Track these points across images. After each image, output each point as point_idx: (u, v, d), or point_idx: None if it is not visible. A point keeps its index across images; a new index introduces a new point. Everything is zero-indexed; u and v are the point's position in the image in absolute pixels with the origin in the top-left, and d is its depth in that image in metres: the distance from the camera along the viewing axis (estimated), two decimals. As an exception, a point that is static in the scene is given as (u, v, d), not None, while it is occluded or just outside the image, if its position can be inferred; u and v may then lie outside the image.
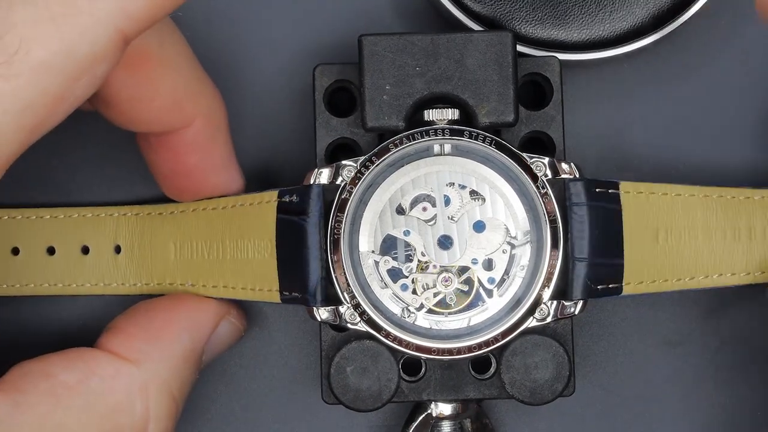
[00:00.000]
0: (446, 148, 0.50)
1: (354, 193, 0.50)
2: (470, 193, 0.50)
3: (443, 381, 0.51)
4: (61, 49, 0.41)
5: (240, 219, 0.52)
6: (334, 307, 0.49)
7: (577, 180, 0.50)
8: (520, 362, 0.49)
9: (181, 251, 0.53)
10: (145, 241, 0.53)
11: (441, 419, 0.51)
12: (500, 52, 0.50)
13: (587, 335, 0.55)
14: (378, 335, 0.49)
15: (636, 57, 0.55)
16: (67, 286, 0.54)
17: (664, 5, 0.53)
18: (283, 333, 0.55)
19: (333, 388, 0.49)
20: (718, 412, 0.55)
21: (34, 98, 0.41)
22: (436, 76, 0.50)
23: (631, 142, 0.55)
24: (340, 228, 0.49)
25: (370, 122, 0.50)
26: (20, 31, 0.40)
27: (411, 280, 0.50)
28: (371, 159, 0.50)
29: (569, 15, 0.53)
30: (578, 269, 0.49)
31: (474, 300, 0.50)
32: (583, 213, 0.49)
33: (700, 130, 0.55)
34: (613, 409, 0.55)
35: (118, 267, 0.53)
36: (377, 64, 0.50)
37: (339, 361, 0.49)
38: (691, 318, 0.55)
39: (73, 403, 0.46)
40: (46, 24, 0.41)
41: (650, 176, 0.54)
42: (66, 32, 0.41)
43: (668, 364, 0.55)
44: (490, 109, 0.50)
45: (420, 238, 0.50)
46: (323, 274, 0.49)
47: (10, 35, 0.40)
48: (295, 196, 0.50)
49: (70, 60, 0.41)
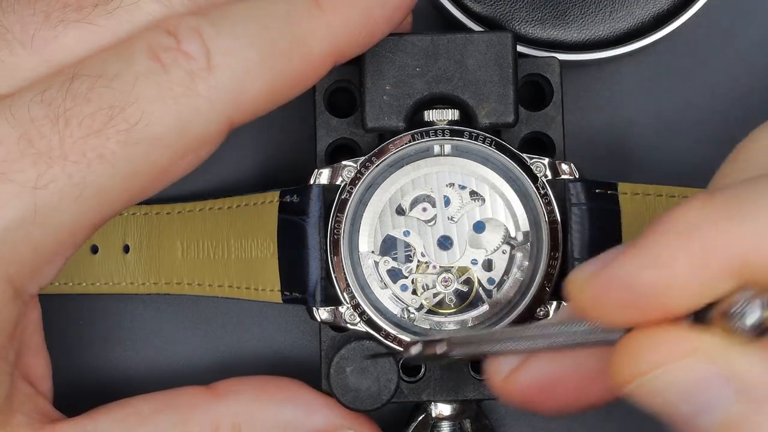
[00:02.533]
0: (446, 148, 0.50)
1: (354, 193, 0.50)
2: (470, 194, 0.50)
3: (443, 381, 0.51)
4: (176, 127, 0.43)
5: (244, 219, 0.52)
6: (334, 308, 0.50)
7: (577, 181, 0.50)
8: (519, 363, 0.50)
9: (188, 251, 0.53)
10: (153, 240, 0.53)
11: (440, 420, 0.51)
12: (500, 52, 0.50)
13: (587, 335, 0.55)
14: (378, 336, 0.49)
15: (636, 57, 0.55)
16: (77, 284, 0.54)
17: (664, 5, 0.53)
18: (283, 333, 0.55)
19: (333, 389, 0.50)
20: (718, 412, 0.55)
21: (144, 167, 0.43)
22: (436, 76, 0.50)
23: (631, 142, 0.55)
24: (340, 228, 0.49)
25: (370, 123, 0.50)
26: (142, 105, 0.43)
27: (411, 280, 0.50)
28: (371, 159, 0.50)
29: (569, 15, 0.53)
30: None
31: (474, 300, 0.50)
32: (583, 214, 0.49)
33: (700, 130, 0.55)
34: (612, 409, 0.55)
35: (126, 266, 0.54)
36: (377, 65, 0.50)
37: (339, 362, 0.50)
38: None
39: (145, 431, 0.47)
40: (167, 102, 0.43)
41: (650, 177, 0.54)
42: (183, 112, 0.43)
43: (668, 365, 0.55)
44: (490, 110, 0.50)
45: (420, 239, 0.50)
46: (323, 274, 0.49)
47: (133, 107, 0.43)
48: (295, 196, 0.50)
49: (182, 138, 0.44)
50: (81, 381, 0.55)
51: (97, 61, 0.44)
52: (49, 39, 0.45)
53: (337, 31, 0.45)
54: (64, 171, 0.42)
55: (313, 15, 0.45)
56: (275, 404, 0.49)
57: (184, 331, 0.55)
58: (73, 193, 0.43)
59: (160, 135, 0.43)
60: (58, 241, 0.44)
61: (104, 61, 0.44)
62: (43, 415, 0.47)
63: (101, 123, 0.43)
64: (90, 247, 0.54)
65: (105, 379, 0.55)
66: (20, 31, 0.45)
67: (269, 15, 0.45)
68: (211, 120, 0.44)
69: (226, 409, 0.49)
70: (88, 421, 0.47)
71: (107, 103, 0.43)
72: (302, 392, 0.50)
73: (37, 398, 0.47)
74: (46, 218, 0.43)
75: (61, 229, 0.43)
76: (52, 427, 0.46)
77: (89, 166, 0.43)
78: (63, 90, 0.43)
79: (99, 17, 0.45)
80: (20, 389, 0.46)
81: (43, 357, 0.48)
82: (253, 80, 0.44)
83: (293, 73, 0.45)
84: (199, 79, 0.43)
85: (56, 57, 0.45)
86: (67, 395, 0.49)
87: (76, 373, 0.55)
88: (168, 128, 0.43)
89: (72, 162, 0.42)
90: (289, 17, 0.45)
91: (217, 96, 0.44)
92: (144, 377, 0.55)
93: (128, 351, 0.55)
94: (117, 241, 0.54)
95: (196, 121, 0.44)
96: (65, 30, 0.45)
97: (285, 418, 0.49)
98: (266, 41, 0.44)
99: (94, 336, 0.55)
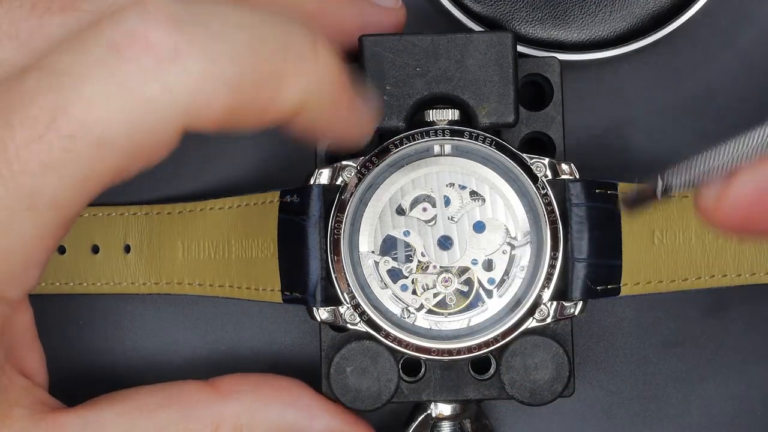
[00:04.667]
0: (446, 148, 0.50)
1: (354, 193, 0.50)
2: (470, 194, 0.50)
3: (443, 381, 0.51)
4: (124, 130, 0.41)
5: (244, 219, 0.52)
6: (334, 308, 0.50)
7: (577, 181, 0.50)
8: (519, 363, 0.50)
9: (189, 251, 0.53)
10: (153, 240, 0.53)
11: (441, 420, 0.51)
12: (500, 52, 0.50)
13: (587, 335, 0.55)
14: (378, 335, 0.49)
15: (636, 57, 0.55)
16: (78, 284, 0.54)
17: (664, 5, 0.53)
18: (283, 333, 0.55)
19: (333, 389, 0.50)
20: (718, 412, 0.55)
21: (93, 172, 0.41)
22: (437, 76, 0.50)
23: (631, 142, 0.55)
24: (340, 228, 0.49)
25: (371, 123, 0.50)
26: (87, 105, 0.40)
27: (411, 280, 0.50)
28: (371, 159, 0.50)
29: (569, 15, 0.53)
30: (578, 270, 0.49)
31: (474, 300, 0.50)
32: (583, 214, 0.49)
33: (700, 130, 0.55)
34: (613, 409, 0.55)
35: (127, 266, 0.54)
36: (378, 65, 0.50)
37: (339, 362, 0.50)
38: (691, 318, 0.55)
39: (146, 426, 0.47)
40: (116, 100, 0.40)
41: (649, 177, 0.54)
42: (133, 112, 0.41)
43: (668, 364, 0.55)
44: (491, 110, 0.50)
45: (420, 239, 0.50)
46: (323, 274, 0.49)
47: (77, 107, 0.40)
48: (295, 196, 0.50)
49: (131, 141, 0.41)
50: (81, 381, 0.55)
51: (55, 52, 0.41)
52: (35, 29, 0.44)
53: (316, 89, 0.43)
54: (12, 180, 0.41)
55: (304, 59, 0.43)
56: (277, 406, 0.49)
57: (184, 331, 0.55)
58: (24, 203, 0.41)
59: (106, 139, 0.41)
60: (26, 248, 0.42)
61: (59, 52, 0.41)
62: (42, 405, 0.46)
63: (44, 126, 0.40)
64: (91, 247, 0.54)
65: (105, 379, 0.55)
66: (7, 23, 0.44)
67: (261, 37, 0.42)
68: (162, 124, 0.41)
69: (228, 408, 0.49)
70: (89, 411, 0.47)
71: (51, 103, 0.40)
72: (304, 395, 0.50)
73: (35, 390, 0.47)
74: (5, 228, 0.41)
75: (25, 237, 0.42)
76: (53, 418, 0.46)
77: (34, 176, 0.41)
78: (13, 87, 0.41)
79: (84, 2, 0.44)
80: (15, 383, 0.46)
81: (36, 351, 0.48)
82: (217, 93, 0.41)
83: (255, 106, 0.42)
84: (157, 74, 0.40)
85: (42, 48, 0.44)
86: (67, 395, 0.49)
87: (77, 373, 0.55)
88: (115, 131, 0.41)
89: (17, 171, 0.41)
90: (282, 50, 0.42)
91: (172, 100, 0.41)
92: (144, 377, 0.55)
93: (128, 351, 0.55)
94: (118, 241, 0.54)
95: (147, 124, 0.41)
96: (51, 19, 0.44)
97: (287, 421, 0.49)
98: (248, 61, 0.41)
99: (94, 336, 0.55)
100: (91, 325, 0.55)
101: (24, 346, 0.47)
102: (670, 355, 0.55)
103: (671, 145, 0.55)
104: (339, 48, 0.48)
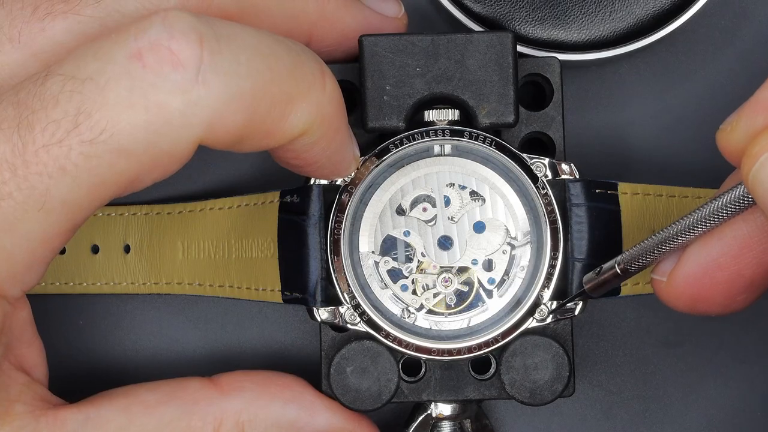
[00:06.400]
0: (446, 148, 0.50)
1: (354, 193, 0.50)
2: (470, 194, 0.50)
3: (443, 381, 0.51)
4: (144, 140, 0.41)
5: (244, 219, 0.52)
6: (334, 308, 0.50)
7: (577, 181, 0.50)
8: (519, 363, 0.50)
9: (189, 251, 0.53)
10: (153, 240, 0.53)
11: (441, 420, 0.51)
12: (500, 52, 0.50)
13: (587, 335, 0.55)
14: (378, 336, 0.49)
15: (636, 57, 0.55)
16: (77, 284, 0.54)
17: (664, 5, 0.53)
18: (283, 333, 0.55)
19: (333, 389, 0.50)
20: (718, 411, 0.55)
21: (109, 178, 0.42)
22: (437, 76, 0.50)
23: (631, 142, 0.55)
24: (340, 228, 0.49)
25: (371, 123, 0.50)
26: (110, 112, 0.41)
27: (411, 280, 0.50)
28: (371, 159, 0.50)
29: (569, 15, 0.53)
30: (578, 270, 0.49)
31: (474, 300, 0.50)
32: (583, 214, 0.50)
33: (700, 130, 0.55)
34: (613, 409, 0.55)
35: (127, 266, 0.54)
36: (378, 65, 0.50)
37: (339, 362, 0.50)
38: (691, 318, 0.55)
39: (148, 422, 0.47)
40: (137, 110, 0.41)
41: (650, 177, 0.54)
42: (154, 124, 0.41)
43: (668, 364, 0.55)
44: (491, 110, 0.50)
45: (420, 239, 0.50)
46: (323, 274, 0.50)
47: (100, 114, 0.41)
48: (295, 196, 0.50)
49: (149, 152, 0.42)
50: (81, 381, 0.55)
51: (76, 58, 0.42)
52: (37, 33, 0.44)
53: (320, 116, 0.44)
54: (27, 180, 0.41)
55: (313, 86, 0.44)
56: (279, 403, 0.49)
57: (184, 331, 0.55)
58: (37, 203, 0.42)
59: (125, 147, 0.41)
60: (31, 249, 0.43)
61: (82, 59, 0.42)
62: (43, 401, 0.46)
63: (65, 131, 0.41)
64: (91, 247, 0.54)
65: (105, 379, 0.55)
66: (9, 26, 0.44)
67: (276, 59, 0.43)
68: (181, 137, 0.42)
69: (230, 405, 0.49)
70: (90, 407, 0.47)
71: (75, 108, 0.41)
72: (306, 392, 0.50)
73: (35, 386, 0.47)
74: (12, 227, 0.42)
75: (31, 238, 0.42)
76: (54, 413, 0.46)
77: (51, 178, 0.41)
78: (33, 91, 0.42)
79: (86, 7, 0.44)
80: (15, 379, 0.46)
81: (36, 347, 0.48)
82: (235, 111, 0.42)
83: (265, 125, 0.43)
84: (180, 91, 0.41)
85: (45, 51, 0.44)
86: (68, 395, 0.49)
87: (77, 373, 0.55)
88: (135, 140, 0.41)
89: (34, 173, 0.41)
90: (292, 72, 0.43)
91: (193, 114, 0.41)
92: (144, 377, 0.55)
93: (128, 351, 0.55)
94: (118, 241, 0.54)
95: (167, 135, 0.41)
96: (53, 22, 0.44)
97: (288, 418, 0.49)
98: (264, 81, 0.42)
99: (94, 336, 0.55)
100: (91, 325, 0.55)
101: (23, 343, 0.47)
102: (670, 355, 0.55)
103: (671, 145, 0.55)
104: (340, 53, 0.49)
